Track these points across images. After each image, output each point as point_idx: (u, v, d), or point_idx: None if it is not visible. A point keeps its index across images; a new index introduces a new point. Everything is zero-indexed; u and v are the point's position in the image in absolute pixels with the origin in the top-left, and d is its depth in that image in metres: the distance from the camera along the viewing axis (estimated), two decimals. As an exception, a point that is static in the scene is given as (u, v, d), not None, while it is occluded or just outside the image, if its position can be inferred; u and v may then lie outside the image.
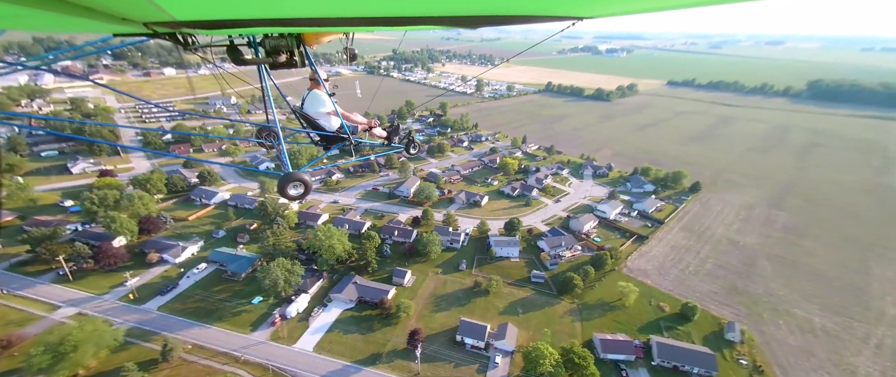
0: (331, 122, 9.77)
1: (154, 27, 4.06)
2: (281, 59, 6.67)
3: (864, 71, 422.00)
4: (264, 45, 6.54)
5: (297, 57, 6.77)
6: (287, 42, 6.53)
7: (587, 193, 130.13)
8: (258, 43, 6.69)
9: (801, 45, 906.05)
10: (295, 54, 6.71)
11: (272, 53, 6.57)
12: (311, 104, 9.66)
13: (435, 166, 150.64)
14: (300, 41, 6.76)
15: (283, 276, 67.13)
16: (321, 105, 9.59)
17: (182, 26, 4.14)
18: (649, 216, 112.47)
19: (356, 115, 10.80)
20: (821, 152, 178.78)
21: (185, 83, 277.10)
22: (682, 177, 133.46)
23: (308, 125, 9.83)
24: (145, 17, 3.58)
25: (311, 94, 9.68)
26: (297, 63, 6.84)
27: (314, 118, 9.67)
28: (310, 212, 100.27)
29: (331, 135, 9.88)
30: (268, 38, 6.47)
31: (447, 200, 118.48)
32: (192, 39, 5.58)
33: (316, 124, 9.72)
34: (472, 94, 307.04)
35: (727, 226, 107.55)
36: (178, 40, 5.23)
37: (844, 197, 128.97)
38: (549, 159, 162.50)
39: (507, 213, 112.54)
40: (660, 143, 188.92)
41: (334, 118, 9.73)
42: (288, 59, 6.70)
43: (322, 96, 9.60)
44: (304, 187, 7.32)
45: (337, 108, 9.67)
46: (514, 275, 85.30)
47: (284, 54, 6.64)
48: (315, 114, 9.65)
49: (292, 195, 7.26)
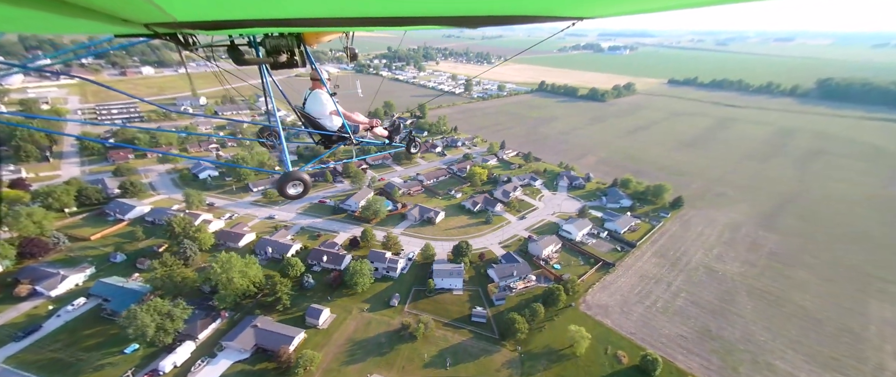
0: (332, 122, 9.93)
1: (155, 28, 4.09)
2: (281, 59, 6.73)
3: (876, 68, 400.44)
4: (265, 45, 6.57)
5: (298, 56, 6.82)
6: (287, 42, 6.57)
7: (557, 209, 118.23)
8: (259, 43, 6.69)
9: (811, 41, 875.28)
10: (295, 54, 6.77)
11: (273, 53, 6.62)
12: (312, 104, 9.82)
13: (399, 175, 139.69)
14: (300, 41, 6.79)
15: (154, 323, 56.52)
16: (323, 105, 9.74)
17: (183, 27, 4.22)
18: (620, 238, 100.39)
19: (357, 114, 11.03)
20: (825, 160, 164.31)
21: (159, 83, 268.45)
22: (663, 190, 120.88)
23: (309, 125, 9.94)
24: (146, 18, 3.60)
25: (312, 94, 9.84)
26: (298, 62, 6.88)
27: (315, 118, 9.84)
28: (232, 232, 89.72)
29: (332, 134, 10.03)
30: (268, 38, 6.50)
31: (399, 216, 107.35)
32: (192, 40, 5.62)
33: (317, 124, 9.89)
34: (460, 95, 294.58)
35: (707, 251, 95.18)
36: (178, 41, 5.27)
37: (846, 215, 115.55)
38: (526, 167, 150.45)
39: (462, 233, 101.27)
40: (649, 149, 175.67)
41: (336, 118, 9.90)
42: (288, 58, 6.76)
43: (323, 96, 9.74)
44: (304, 186, 7.64)
45: (338, 108, 9.83)
46: (454, 312, 74.21)
47: (285, 54, 6.70)
48: (316, 113, 9.81)
49: (292, 194, 7.60)
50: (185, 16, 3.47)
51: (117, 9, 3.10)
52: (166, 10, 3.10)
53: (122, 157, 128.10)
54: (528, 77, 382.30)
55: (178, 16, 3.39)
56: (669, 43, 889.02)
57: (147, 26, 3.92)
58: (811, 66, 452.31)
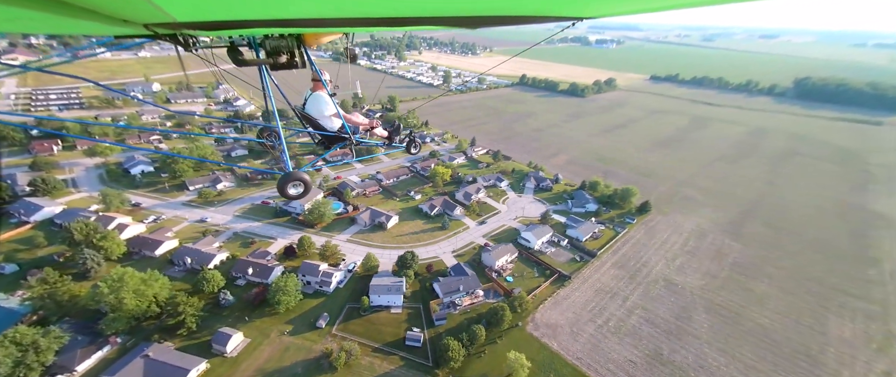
0: (332, 123, 9.95)
1: (155, 28, 4.09)
2: (281, 60, 6.69)
3: (853, 68, 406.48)
4: (265, 46, 6.55)
5: (298, 57, 6.78)
6: (287, 43, 6.54)
7: (521, 213, 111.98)
8: (258, 44, 6.69)
9: (794, 39, 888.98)
10: (295, 55, 6.73)
11: (273, 54, 6.59)
12: (312, 105, 9.84)
13: (358, 173, 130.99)
14: (300, 42, 6.77)
15: (11, 359, 47.70)
16: (323, 106, 9.75)
17: (183, 28, 4.21)
18: (581, 246, 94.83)
19: (357, 115, 11.08)
20: (796, 163, 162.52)
21: (113, 66, 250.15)
22: (630, 194, 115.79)
23: (309, 125, 9.97)
24: (146, 18, 3.60)
25: (313, 96, 9.85)
26: (298, 64, 6.88)
27: (316, 119, 9.86)
28: (150, 239, 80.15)
29: (332, 135, 10.04)
30: (268, 39, 6.46)
31: (348, 220, 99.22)
32: (192, 40, 5.61)
33: (317, 124, 9.92)
34: (437, 87, 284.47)
35: (668, 262, 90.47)
36: (178, 41, 5.28)
37: (812, 222, 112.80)
38: (494, 167, 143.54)
39: (414, 240, 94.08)
40: (623, 149, 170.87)
41: (336, 119, 9.93)
42: (288, 59, 6.73)
43: (324, 97, 9.73)
44: (304, 186, 7.70)
45: (338, 109, 9.85)
46: (387, 334, 67.24)
47: (285, 55, 6.66)
48: (317, 115, 9.83)
49: (292, 194, 7.70)
50: (185, 16, 3.47)
51: (117, 9, 3.10)
52: (166, 10, 3.09)
53: (45, 149, 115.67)
54: (510, 69, 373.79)
55: (177, 16, 3.39)
56: (656, 37, 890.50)
57: (147, 27, 3.91)
58: (791, 64, 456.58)
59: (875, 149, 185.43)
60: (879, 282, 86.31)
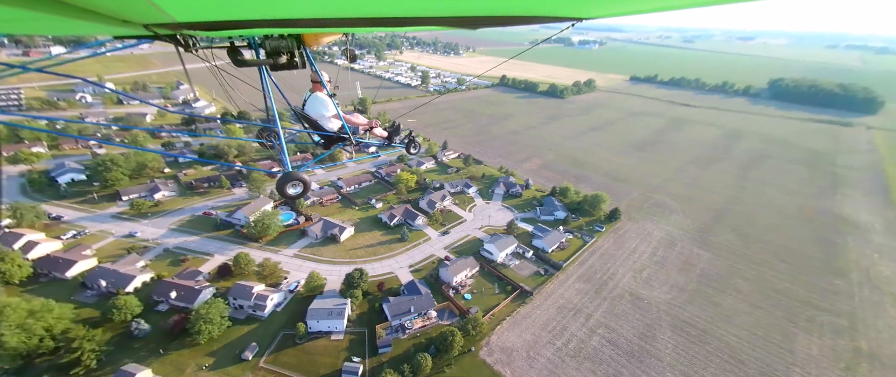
0: (332, 124, 10.02)
1: (154, 29, 4.10)
2: (281, 60, 6.68)
3: (826, 69, 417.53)
4: (265, 47, 6.53)
5: (298, 58, 6.77)
6: (287, 43, 6.52)
7: (486, 221, 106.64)
8: (258, 44, 6.69)
9: (770, 40, 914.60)
10: (295, 55, 6.72)
11: (272, 54, 6.57)
12: (312, 106, 9.90)
13: (318, 179, 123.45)
14: (300, 42, 6.74)
15: None
16: (322, 107, 9.82)
17: (183, 28, 4.20)
18: (546, 258, 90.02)
19: (357, 115, 11.20)
20: (767, 166, 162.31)
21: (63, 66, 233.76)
22: (601, 201, 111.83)
23: (309, 126, 10.06)
24: (146, 18, 3.59)
25: (312, 96, 9.91)
26: (298, 64, 6.86)
27: (315, 119, 9.90)
28: (62, 258, 71.10)
29: (332, 135, 10.12)
30: (268, 39, 6.44)
31: (298, 233, 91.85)
32: (192, 41, 5.58)
33: (317, 125, 9.97)
34: (415, 87, 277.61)
35: (636, 274, 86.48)
36: (178, 42, 5.26)
37: (780, 228, 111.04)
38: (465, 172, 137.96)
39: (368, 254, 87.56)
40: (598, 152, 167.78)
41: (335, 119, 10.00)
42: (288, 60, 6.72)
43: (323, 98, 9.80)
44: (304, 186, 7.86)
45: (338, 110, 9.89)
46: (323, 365, 60.64)
47: (285, 55, 6.64)
48: (316, 115, 9.87)
49: (291, 194, 7.80)
50: (184, 17, 3.46)
51: (117, 10, 3.09)
52: (166, 10, 3.08)
53: None
54: (491, 70, 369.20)
55: (177, 17, 3.38)
56: (639, 38, 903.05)
57: (146, 27, 3.90)
58: (767, 65, 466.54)
59: (843, 150, 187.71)
60: (846, 294, 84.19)
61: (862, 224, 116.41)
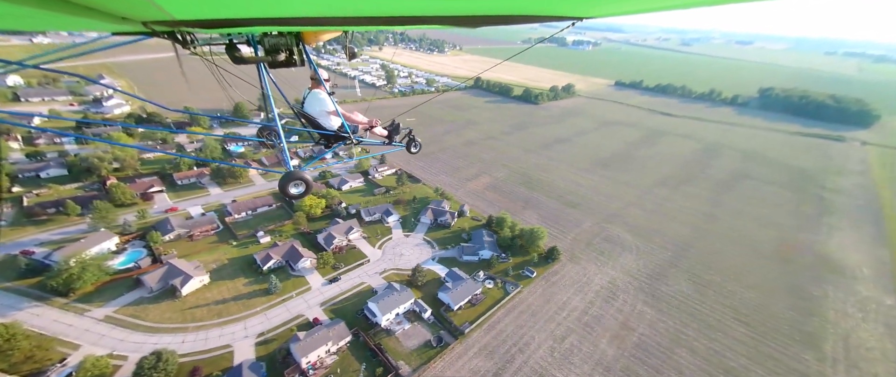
0: (331, 122, 9.88)
1: (153, 26, 4.11)
2: (280, 58, 6.62)
3: (821, 77, 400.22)
4: (263, 44, 6.45)
5: (297, 55, 6.70)
6: (286, 41, 6.45)
7: (395, 262, 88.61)
8: (257, 41, 6.56)
9: (769, 45, 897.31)
10: (294, 53, 6.66)
11: (271, 52, 6.51)
12: (311, 104, 9.78)
13: (209, 201, 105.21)
14: (300, 40, 6.70)
15: None
16: (322, 105, 9.71)
17: (181, 25, 4.23)
18: (448, 320, 72.06)
19: (357, 113, 10.99)
20: (745, 188, 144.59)
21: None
22: (537, 237, 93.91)
23: (308, 124, 9.94)
24: (144, 16, 3.59)
25: (311, 94, 9.82)
26: (297, 62, 6.76)
27: (315, 118, 9.80)
28: None
29: (332, 134, 9.97)
30: (267, 37, 6.36)
31: (132, 281, 73.20)
32: (191, 38, 5.58)
33: (316, 123, 9.87)
34: (380, 88, 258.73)
35: (556, 344, 68.61)
36: (177, 39, 5.29)
37: (750, 273, 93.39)
38: (395, 193, 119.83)
39: (214, 315, 69.32)
40: (558, 169, 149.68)
41: (335, 118, 9.84)
42: (287, 57, 6.65)
43: (322, 96, 9.70)
44: (306, 186, 7.77)
45: (337, 108, 9.78)
46: None
47: (284, 53, 6.58)
48: (316, 113, 9.77)
49: (293, 194, 7.70)
50: (183, 14, 3.46)
51: (116, 7, 3.10)
52: (165, 8, 3.10)
53: None
54: (471, 70, 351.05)
55: (176, 14, 3.39)
56: (636, 40, 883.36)
57: (145, 24, 3.93)
58: (761, 71, 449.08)
59: (833, 170, 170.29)
60: (817, 375, 66.58)
61: (847, 268, 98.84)
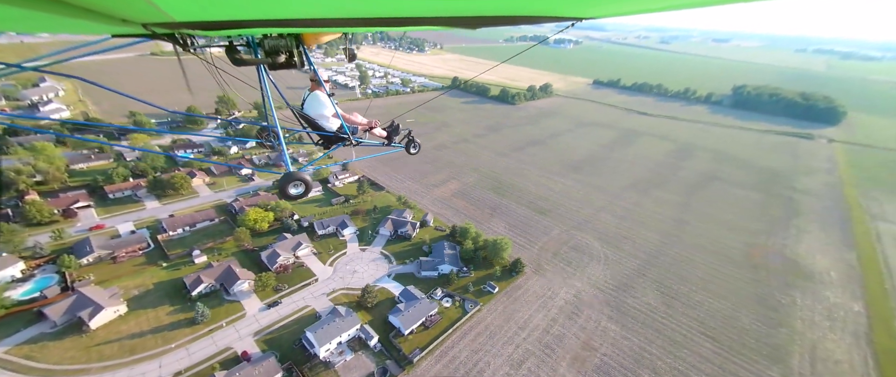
0: (331, 123, 10.00)
1: (153, 28, 4.11)
2: (280, 60, 6.60)
3: (791, 74, 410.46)
4: (263, 46, 6.42)
5: (297, 57, 6.70)
6: (286, 42, 6.44)
7: (347, 280, 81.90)
8: (257, 43, 6.53)
9: (744, 43, 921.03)
10: (294, 55, 6.64)
11: (271, 54, 6.49)
12: (311, 105, 9.92)
13: (143, 216, 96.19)
14: (299, 42, 6.67)
15: None
16: (322, 106, 9.82)
17: (181, 27, 4.21)
18: (394, 348, 65.90)
19: (356, 115, 11.29)
20: (715, 190, 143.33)
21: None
22: (501, 249, 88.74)
23: (308, 125, 10.06)
24: (144, 18, 3.60)
25: (311, 96, 9.98)
26: (297, 63, 6.76)
27: (314, 119, 9.93)
28: None
29: (331, 135, 10.10)
30: (267, 39, 6.35)
31: (31, 315, 64.36)
32: (191, 40, 5.55)
33: (316, 125, 9.99)
34: (352, 89, 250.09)
35: (515, 368, 63.41)
36: (177, 41, 5.25)
37: (719, 281, 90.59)
38: (355, 202, 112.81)
39: (125, 352, 61.37)
40: (529, 173, 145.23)
41: (334, 119, 9.97)
42: (287, 59, 6.64)
43: (322, 97, 9.81)
44: (305, 187, 7.79)
45: (337, 109, 9.87)
46: None
47: (284, 54, 6.57)
48: (316, 115, 9.89)
49: (293, 194, 7.72)
50: (183, 16, 3.46)
51: (116, 9, 3.09)
52: (165, 10, 3.10)
53: None
54: (450, 70, 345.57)
55: (176, 16, 3.38)
56: (617, 39, 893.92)
57: (145, 26, 3.92)
58: (734, 69, 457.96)
59: (803, 169, 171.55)
60: (783, 395, 63.48)
61: (816, 273, 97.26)
